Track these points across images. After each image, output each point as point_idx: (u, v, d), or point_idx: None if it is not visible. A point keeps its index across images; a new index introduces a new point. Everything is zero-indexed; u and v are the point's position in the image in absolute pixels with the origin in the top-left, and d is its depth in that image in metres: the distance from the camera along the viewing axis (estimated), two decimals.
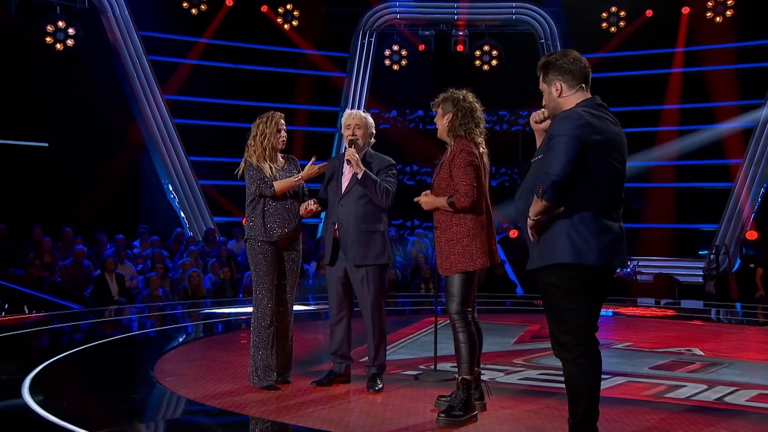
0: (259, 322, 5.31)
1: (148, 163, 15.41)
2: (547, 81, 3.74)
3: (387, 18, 17.11)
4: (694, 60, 16.13)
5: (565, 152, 3.43)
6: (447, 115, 4.82)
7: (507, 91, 15.78)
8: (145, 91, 15.14)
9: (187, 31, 15.90)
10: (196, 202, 15.29)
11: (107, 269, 11.44)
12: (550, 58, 3.74)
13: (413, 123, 17.61)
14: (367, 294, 5.32)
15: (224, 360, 6.53)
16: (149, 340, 8.14)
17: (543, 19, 16.97)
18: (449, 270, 4.67)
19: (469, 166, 4.64)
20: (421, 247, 14.53)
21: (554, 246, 3.53)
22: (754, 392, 5.43)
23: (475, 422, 4.52)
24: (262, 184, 5.34)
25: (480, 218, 4.71)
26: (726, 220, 15.34)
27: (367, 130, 5.43)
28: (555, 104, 3.71)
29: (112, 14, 15.06)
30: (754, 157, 15.26)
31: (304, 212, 5.37)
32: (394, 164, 5.45)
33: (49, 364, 6.23)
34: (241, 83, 16.01)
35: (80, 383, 5.96)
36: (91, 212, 13.84)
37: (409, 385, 5.58)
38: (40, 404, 4.81)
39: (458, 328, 4.66)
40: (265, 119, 5.44)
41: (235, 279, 12.75)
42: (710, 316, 11.57)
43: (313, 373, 5.88)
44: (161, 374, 5.88)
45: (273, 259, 5.34)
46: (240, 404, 4.94)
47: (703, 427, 4.50)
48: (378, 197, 5.26)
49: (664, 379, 5.86)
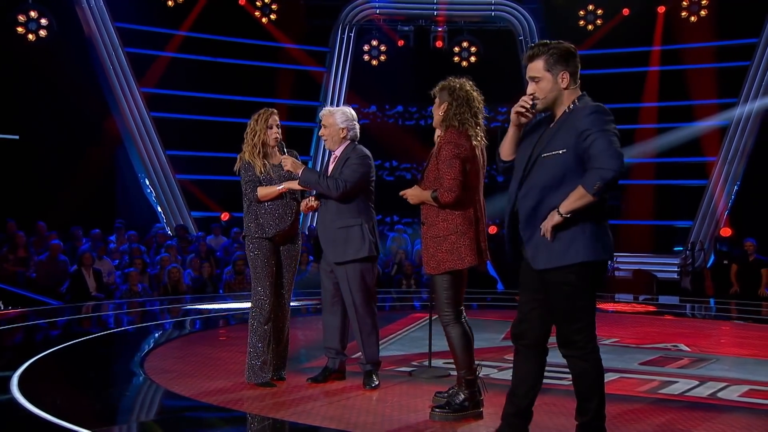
0: (256, 319, 5.26)
1: (124, 156, 15.17)
2: (553, 70, 3.55)
3: (366, 13, 17.05)
4: (671, 58, 16.31)
5: (617, 147, 3.36)
6: (443, 105, 4.62)
7: (486, 88, 15.68)
8: (121, 83, 14.88)
9: (164, 24, 15.67)
10: (173, 197, 15.09)
11: (85, 264, 11.26)
12: (559, 46, 3.57)
13: (392, 119, 17.58)
14: (350, 291, 5.24)
15: (214, 356, 6.46)
16: (135, 337, 8.02)
17: (522, 16, 17.04)
18: (436, 269, 4.51)
19: (454, 159, 4.42)
20: (401, 243, 14.53)
21: (577, 244, 3.45)
22: (745, 387, 5.50)
23: (480, 419, 4.51)
24: (248, 187, 5.25)
25: (468, 214, 4.52)
26: (701, 217, 15.55)
27: (335, 128, 5.32)
28: (557, 95, 3.56)
29: (86, 4, 14.76)
30: (728, 156, 15.48)
31: (305, 208, 5.31)
32: (363, 155, 5.27)
33: (37, 361, 6.12)
34: (220, 77, 15.86)
35: (72, 380, 5.85)
36: (65, 206, 13.59)
37: (405, 382, 5.56)
38: (32, 401, 4.70)
39: (450, 328, 4.57)
40: (256, 116, 5.39)
41: (215, 275, 12.63)
42: (689, 311, 11.71)
43: (306, 369, 5.85)
44: (152, 371, 5.80)
45: (270, 255, 5.28)
46: (237, 401, 4.89)
47: (701, 423, 4.55)
48: (327, 191, 5.16)
49: (656, 375, 5.92)
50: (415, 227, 15.17)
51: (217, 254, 13.57)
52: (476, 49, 17.02)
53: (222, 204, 15.44)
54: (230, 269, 12.26)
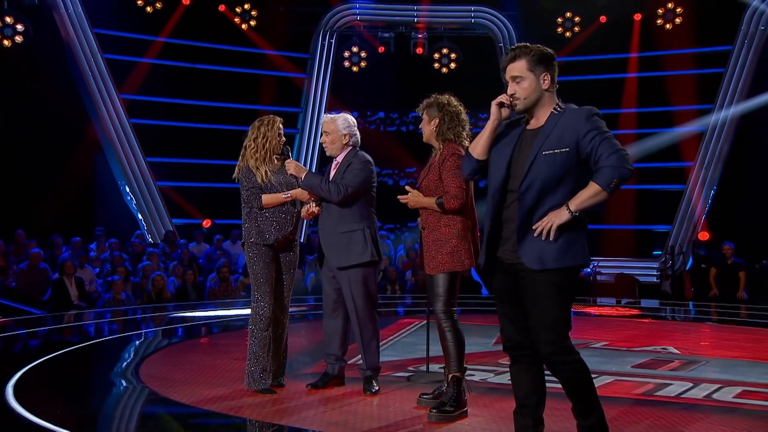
0: (256, 325, 5.24)
1: (103, 163, 15.00)
2: (535, 70, 3.56)
3: (347, 19, 17.06)
4: (650, 65, 16.54)
5: (621, 146, 3.42)
6: (433, 120, 4.92)
7: (465, 94, 15.73)
8: (100, 90, 14.72)
9: (143, 30, 15.56)
10: (154, 204, 14.96)
11: (66, 273, 11.13)
12: (541, 50, 3.60)
13: (374, 125, 17.62)
14: (352, 297, 5.26)
15: (209, 364, 6.42)
16: (126, 345, 7.93)
17: (501, 23, 17.15)
18: (436, 269, 4.76)
19: (458, 169, 4.65)
20: (384, 249, 14.50)
21: (577, 247, 3.49)
22: (738, 389, 5.58)
23: (466, 417, 4.63)
24: (251, 194, 5.23)
25: (467, 220, 4.82)
26: (679, 222, 15.77)
27: (337, 134, 5.35)
28: (539, 96, 3.58)
29: (64, 10, 14.59)
30: (704, 161, 15.73)
31: (306, 214, 5.31)
32: (365, 161, 5.32)
33: (30, 369, 6.04)
34: (200, 83, 15.76)
35: (68, 389, 5.77)
36: (44, 214, 13.43)
37: (404, 387, 5.57)
38: (31, 411, 4.64)
39: (445, 327, 4.78)
40: (266, 122, 5.35)
41: (198, 282, 12.54)
42: (673, 314, 11.85)
43: (304, 375, 5.84)
44: (149, 379, 5.76)
45: (270, 261, 5.27)
46: (238, 408, 4.87)
47: (702, 424, 4.61)
48: (328, 196, 5.19)
49: (650, 378, 5.98)
50: (397, 233, 15.21)
51: (199, 261, 13.48)
52: (456, 55, 17.11)
53: (203, 211, 15.34)
54: (214, 276, 12.19)
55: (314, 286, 12.26)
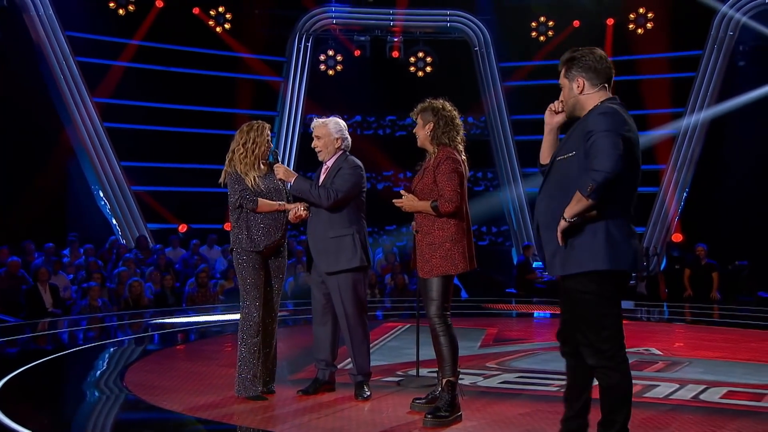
0: (246, 332, 5.18)
1: (76, 168, 14.78)
2: (569, 76, 3.62)
3: (323, 23, 17.02)
4: (624, 69, 16.69)
5: (614, 148, 3.30)
6: (428, 125, 4.90)
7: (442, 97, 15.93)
8: (73, 93, 14.49)
9: (116, 33, 15.36)
10: (128, 209, 14.77)
11: (41, 280, 10.92)
12: (575, 54, 3.61)
13: (351, 128, 17.40)
14: (341, 301, 5.24)
15: (196, 371, 6.34)
16: (108, 352, 7.78)
17: (477, 27, 17.24)
18: (430, 273, 4.75)
19: (453, 173, 4.73)
20: None
21: (593, 251, 3.41)
22: (724, 389, 5.65)
23: (461, 422, 4.62)
24: (244, 198, 5.18)
25: (461, 223, 4.81)
26: (653, 224, 15.97)
27: (329, 138, 5.36)
28: (575, 101, 3.62)
29: (34, 12, 14.34)
30: (677, 163, 15.95)
31: (294, 217, 5.27)
32: (355, 166, 5.33)
33: (12, 379, 5.91)
34: (176, 87, 15.60)
35: (53, 397, 5.66)
36: (16, 220, 13.20)
37: (395, 392, 5.55)
38: (17, 421, 4.54)
39: (439, 332, 4.74)
40: (255, 127, 5.32)
41: (175, 287, 12.39)
42: (649, 316, 11.97)
43: (294, 381, 5.80)
44: (134, 386, 5.67)
45: (259, 267, 5.22)
46: (230, 415, 4.82)
47: (693, 425, 4.66)
48: (318, 201, 5.19)
49: (637, 379, 5.91)
50: (375, 236, 15.19)
51: (176, 267, 13.33)
52: (432, 59, 17.15)
53: (179, 215, 15.18)
54: (193, 281, 12.06)
55: (293, 290, 12.19)
